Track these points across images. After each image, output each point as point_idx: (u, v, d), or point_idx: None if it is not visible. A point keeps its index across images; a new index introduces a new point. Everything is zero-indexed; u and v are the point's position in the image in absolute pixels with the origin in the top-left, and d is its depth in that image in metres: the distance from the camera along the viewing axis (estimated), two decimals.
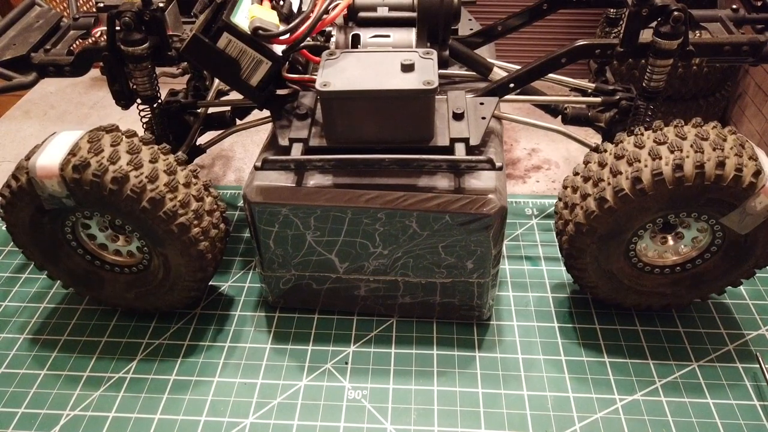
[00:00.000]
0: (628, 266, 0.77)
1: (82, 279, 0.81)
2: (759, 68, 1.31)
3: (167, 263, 0.75)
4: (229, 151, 1.24)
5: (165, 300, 0.81)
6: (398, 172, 0.73)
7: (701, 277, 0.78)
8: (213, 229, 0.75)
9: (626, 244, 0.75)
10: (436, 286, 0.80)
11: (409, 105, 0.69)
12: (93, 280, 0.81)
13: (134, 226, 0.72)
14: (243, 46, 0.71)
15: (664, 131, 0.70)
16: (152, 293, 0.80)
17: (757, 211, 0.70)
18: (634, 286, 0.79)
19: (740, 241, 0.73)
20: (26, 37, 0.83)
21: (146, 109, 0.85)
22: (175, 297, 0.80)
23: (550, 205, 1.05)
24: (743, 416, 0.73)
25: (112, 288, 0.81)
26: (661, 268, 0.78)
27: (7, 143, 1.29)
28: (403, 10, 0.82)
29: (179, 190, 0.71)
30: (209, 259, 0.76)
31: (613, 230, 0.72)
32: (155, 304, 0.82)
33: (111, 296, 0.82)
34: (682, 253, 0.78)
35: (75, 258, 0.79)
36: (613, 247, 0.75)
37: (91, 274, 0.80)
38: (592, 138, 0.94)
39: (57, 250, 0.78)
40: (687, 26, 0.73)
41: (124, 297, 0.82)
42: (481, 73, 0.85)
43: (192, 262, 0.74)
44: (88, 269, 0.80)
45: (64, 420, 0.74)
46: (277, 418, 0.74)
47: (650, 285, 0.79)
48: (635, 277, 0.78)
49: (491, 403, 0.75)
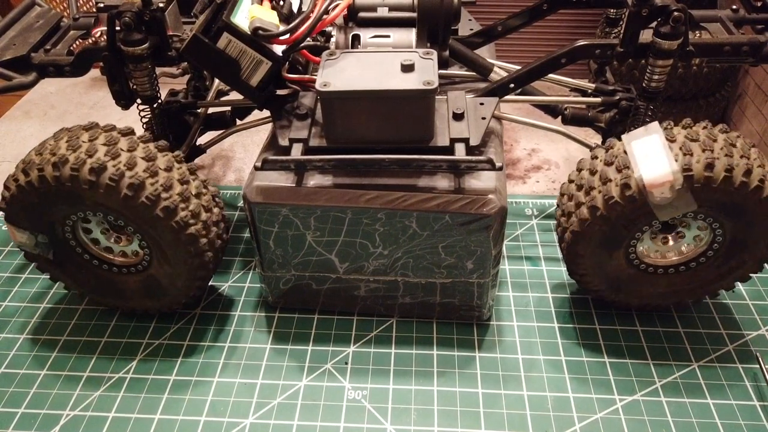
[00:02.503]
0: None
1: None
2: (759, 68, 1.31)
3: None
4: (229, 151, 1.24)
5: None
6: (398, 172, 0.73)
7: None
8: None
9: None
10: (436, 286, 0.80)
11: (409, 105, 0.69)
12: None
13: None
14: (243, 47, 0.71)
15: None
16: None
17: (657, 202, 0.69)
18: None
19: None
20: (26, 37, 0.83)
21: (146, 109, 0.85)
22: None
23: (550, 205, 1.05)
24: (743, 416, 0.73)
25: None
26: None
27: (7, 143, 1.29)
28: (403, 11, 0.82)
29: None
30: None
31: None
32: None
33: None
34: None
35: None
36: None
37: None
38: (592, 138, 0.94)
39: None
40: (687, 26, 0.73)
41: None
42: (481, 74, 0.85)
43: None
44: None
45: (64, 420, 0.74)
46: (277, 419, 0.74)
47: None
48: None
49: (491, 404, 0.75)
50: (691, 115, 1.30)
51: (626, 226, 0.71)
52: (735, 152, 0.68)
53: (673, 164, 0.68)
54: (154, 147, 0.72)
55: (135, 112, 0.86)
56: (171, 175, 0.71)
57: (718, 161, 0.66)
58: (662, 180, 0.68)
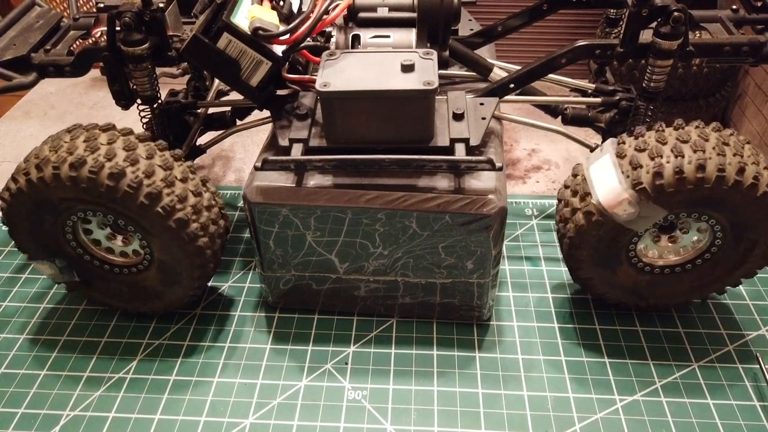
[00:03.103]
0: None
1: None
2: (759, 68, 1.31)
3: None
4: (229, 151, 1.24)
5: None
6: (398, 173, 0.73)
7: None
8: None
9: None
10: (436, 286, 0.80)
11: (409, 105, 0.69)
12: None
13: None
14: (243, 47, 0.71)
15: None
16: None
17: (624, 219, 0.70)
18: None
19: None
20: (26, 37, 0.83)
21: (146, 110, 0.85)
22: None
23: (550, 205, 1.05)
24: (743, 417, 0.73)
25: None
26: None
27: (7, 143, 1.29)
28: (403, 11, 0.82)
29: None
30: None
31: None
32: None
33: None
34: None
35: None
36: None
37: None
38: (592, 138, 0.94)
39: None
40: (687, 27, 0.73)
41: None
42: (481, 74, 0.85)
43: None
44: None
45: (64, 420, 0.74)
46: (277, 419, 0.74)
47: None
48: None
49: (491, 404, 0.75)
50: (692, 115, 1.30)
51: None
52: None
53: (622, 182, 0.69)
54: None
55: (135, 112, 0.86)
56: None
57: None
58: (618, 199, 0.69)
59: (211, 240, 0.75)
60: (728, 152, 0.67)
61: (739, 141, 0.70)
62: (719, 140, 0.69)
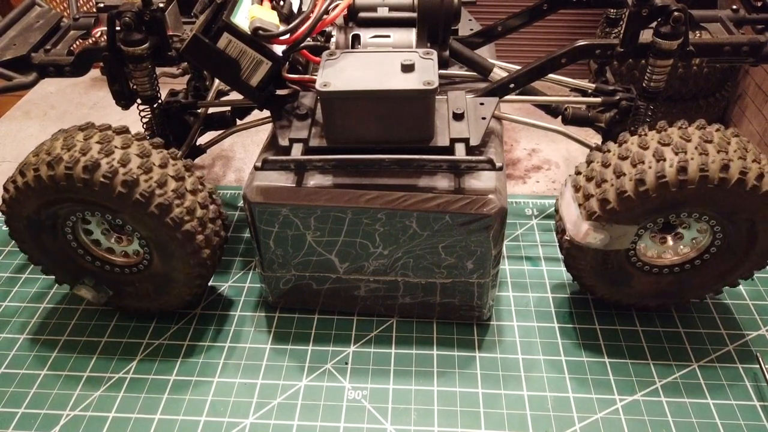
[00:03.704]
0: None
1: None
2: (759, 69, 1.31)
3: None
4: (229, 151, 1.24)
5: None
6: (398, 173, 0.73)
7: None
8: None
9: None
10: (436, 286, 0.80)
11: (409, 105, 0.69)
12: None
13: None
14: (243, 47, 0.71)
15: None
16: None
17: (599, 245, 0.73)
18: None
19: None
20: (26, 37, 0.83)
21: (146, 110, 0.86)
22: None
23: (550, 205, 1.05)
24: (743, 416, 0.73)
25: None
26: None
27: (7, 143, 1.29)
28: (403, 11, 0.82)
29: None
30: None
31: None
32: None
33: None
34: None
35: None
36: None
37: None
38: (592, 138, 0.94)
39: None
40: (687, 26, 0.73)
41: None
42: (481, 74, 0.85)
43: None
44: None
45: (64, 420, 0.74)
46: (277, 419, 0.74)
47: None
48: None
49: (491, 404, 0.75)
50: (692, 115, 1.30)
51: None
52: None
53: (580, 214, 0.72)
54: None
55: (135, 112, 0.86)
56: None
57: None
58: (582, 231, 0.72)
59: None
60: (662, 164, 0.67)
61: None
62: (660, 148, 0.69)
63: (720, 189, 0.67)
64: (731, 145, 0.68)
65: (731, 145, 0.68)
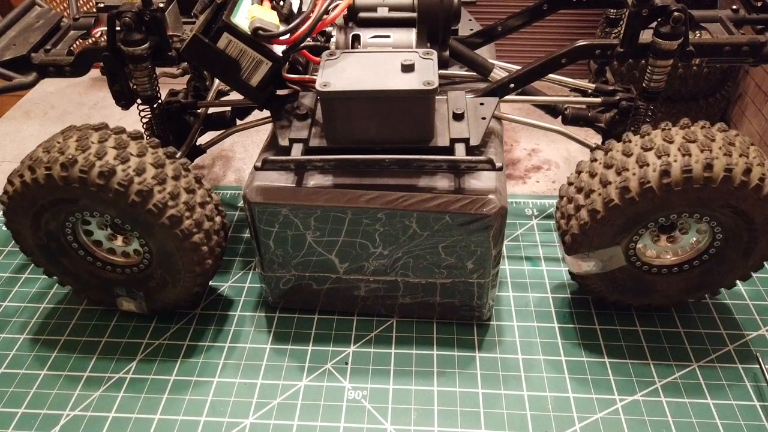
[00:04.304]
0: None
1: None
2: (759, 69, 1.31)
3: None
4: (229, 151, 1.24)
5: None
6: (398, 173, 0.73)
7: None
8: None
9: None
10: (436, 286, 0.80)
11: (409, 105, 0.69)
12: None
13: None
14: (243, 47, 0.71)
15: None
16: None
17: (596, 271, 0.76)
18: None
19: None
20: (26, 37, 0.83)
21: (146, 110, 0.85)
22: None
23: (550, 205, 1.05)
24: (743, 416, 0.73)
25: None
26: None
27: (7, 143, 1.29)
28: (403, 11, 0.82)
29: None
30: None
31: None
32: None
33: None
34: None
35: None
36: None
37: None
38: (592, 138, 0.94)
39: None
40: (687, 27, 0.73)
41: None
42: (481, 74, 0.85)
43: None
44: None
45: (64, 420, 0.74)
46: (277, 419, 0.74)
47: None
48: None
49: (491, 404, 0.75)
50: (692, 115, 1.30)
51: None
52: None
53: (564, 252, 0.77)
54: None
55: (135, 112, 0.86)
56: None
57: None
58: (575, 264, 0.77)
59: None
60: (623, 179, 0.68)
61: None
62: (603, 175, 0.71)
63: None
64: (716, 142, 0.68)
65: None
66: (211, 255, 0.76)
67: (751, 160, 0.67)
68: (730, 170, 0.66)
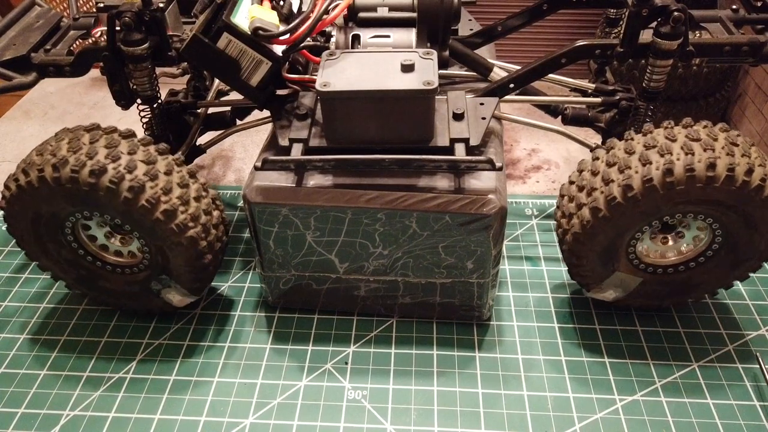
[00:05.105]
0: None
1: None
2: (759, 69, 1.31)
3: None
4: (229, 151, 1.24)
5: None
6: (398, 173, 0.73)
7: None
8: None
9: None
10: (436, 286, 0.80)
11: (409, 105, 0.69)
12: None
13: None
14: (243, 47, 0.71)
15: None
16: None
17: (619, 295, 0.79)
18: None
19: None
20: (26, 37, 0.83)
21: (146, 109, 0.85)
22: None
23: (550, 205, 1.05)
24: (743, 416, 0.73)
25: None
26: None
27: (7, 143, 1.29)
28: (403, 11, 0.82)
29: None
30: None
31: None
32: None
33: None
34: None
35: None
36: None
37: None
38: (592, 138, 0.94)
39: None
40: (687, 27, 0.73)
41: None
42: (481, 74, 0.85)
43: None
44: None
45: (64, 420, 0.74)
46: (277, 419, 0.74)
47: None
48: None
49: (491, 404, 0.75)
50: (691, 115, 1.30)
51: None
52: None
53: None
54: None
55: (135, 112, 0.86)
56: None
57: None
58: (599, 296, 0.80)
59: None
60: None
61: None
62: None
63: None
64: (718, 141, 0.68)
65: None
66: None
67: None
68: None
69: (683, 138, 0.68)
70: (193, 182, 0.74)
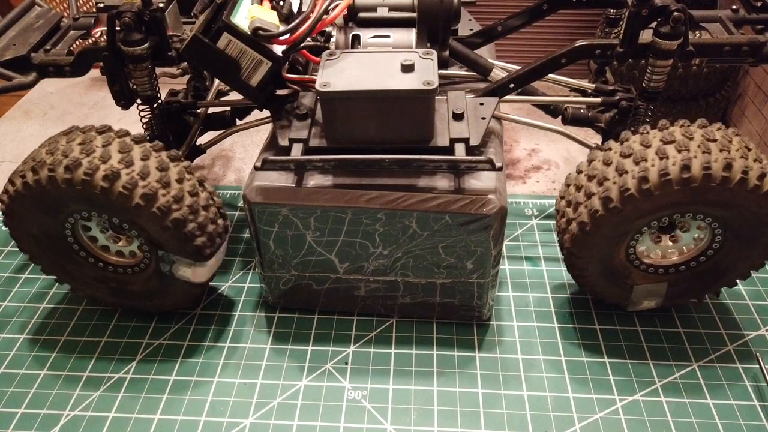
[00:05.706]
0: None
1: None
2: (759, 69, 1.31)
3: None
4: (229, 151, 1.24)
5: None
6: (398, 173, 0.73)
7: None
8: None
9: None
10: (436, 286, 0.80)
11: (409, 105, 0.69)
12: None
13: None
14: (243, 47, 0.71)
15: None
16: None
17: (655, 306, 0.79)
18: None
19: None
20: (26, 37, 0.83)
21: (146, 110, 0.86)
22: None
23: (550, 205, 1.05)
24: (743, 416, 0.73)
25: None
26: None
27: (7, 143, 1.29)
28: (403, 11, 0.82)
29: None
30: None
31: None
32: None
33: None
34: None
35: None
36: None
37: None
38: (592, 138, 0.94)
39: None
40: (687, 27, 0.73)
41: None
42: (481, 74, 0.85)
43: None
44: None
45: (64, 420, 0.74)
46: (277, 419, 0.74)
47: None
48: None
49: (491, 404, 0.75)
50: (692, 115, 1.30)
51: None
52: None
53: None
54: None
55: (135, 112, 0.86)
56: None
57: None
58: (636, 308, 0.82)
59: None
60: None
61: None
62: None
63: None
64: (733, 144, 0.68)
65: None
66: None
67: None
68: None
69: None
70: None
